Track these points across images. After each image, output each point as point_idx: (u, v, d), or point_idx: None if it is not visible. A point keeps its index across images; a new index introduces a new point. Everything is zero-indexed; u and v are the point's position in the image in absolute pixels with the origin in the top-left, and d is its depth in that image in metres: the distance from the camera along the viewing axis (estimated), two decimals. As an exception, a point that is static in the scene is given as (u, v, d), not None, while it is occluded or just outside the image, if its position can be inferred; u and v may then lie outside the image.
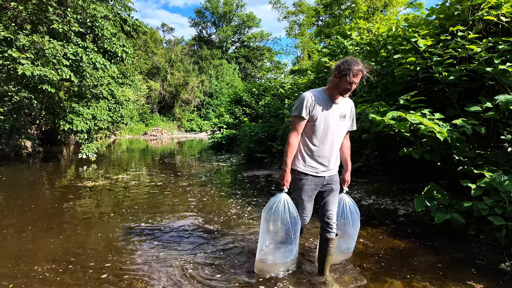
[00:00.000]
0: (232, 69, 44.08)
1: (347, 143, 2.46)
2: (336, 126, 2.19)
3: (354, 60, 2.05)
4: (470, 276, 2.46)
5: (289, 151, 2.18)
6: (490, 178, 3.10)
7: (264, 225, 2.26)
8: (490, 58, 3.62)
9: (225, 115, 14.79)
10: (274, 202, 2.23)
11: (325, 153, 2.21)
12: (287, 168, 2.19)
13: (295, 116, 2.17)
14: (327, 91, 2.18)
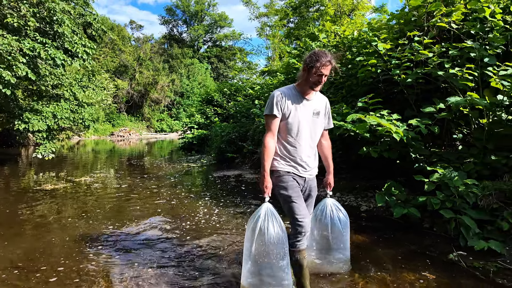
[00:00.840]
0: (204, 69, 43.62)
1: (327, 142, 2.33)
2: (310, 124, 2.09)
3: (322, 52, 1.97)
4: (424, 267, 2.62)
5: (266, 154, 2.03)
6: (441, 174, 3.31)
7: (246, 246, 1.99)
8: (442, 63, 3.87)
9: (196, 115, 14.63)
10: (255, 216, 1.97)
11: (302, 153, 2.10)
12: (265, 173, 2.01)
13: (267, 116, 2.06)
14: (297, 87, 2.09)
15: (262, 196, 2.03)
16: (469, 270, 2.54)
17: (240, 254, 2.75)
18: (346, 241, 2.42)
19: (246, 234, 2.00)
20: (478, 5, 3.85)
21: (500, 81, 3.39)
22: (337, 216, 2.36)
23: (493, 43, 3.75)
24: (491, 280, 2.39)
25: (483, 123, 3.81)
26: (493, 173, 3.44)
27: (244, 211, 4.38)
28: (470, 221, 2.96)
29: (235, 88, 14.81)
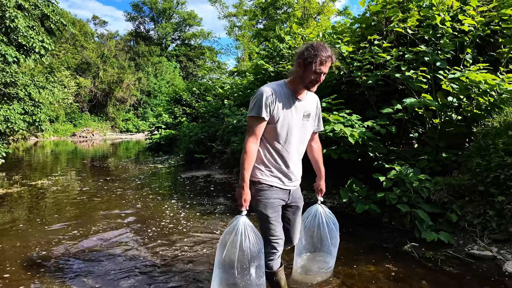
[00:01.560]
0: (172, 67, 42.69)
1: (317, 146, 2.09)
2: (300, 128, 1.82)
3: (321, 45, 1.67)
4: (386, 259, 2.76)
5: (247, 162, 1.70)
6: (398, 171, 3.52)
7: (218, 259, 1.78)
8: (400, 65, 4.10)
9: (163, 114, 14.29)
10: (230, 229, 1.74)
11: (290, 161, 1.82)
12: (245, 184, 1.71)
13: (252, 117, 1.71)
14: (289, 84, 1.77)
15: (239, 209, 1.74)
16: (421, 260, 2.72)
17: (210, 260, 2.73)
18: (335, 249, 2.26)
19: (219, 249, 1.77)
20: (430, 13, 4.13)
21: (450, 84, 3.66)
22: (327, 224, 2.20)
23: (444, 49, 4.03)
24: (439, 269, 2.57)
25: (436, 123, 4.08)
26: (444, 169, 3.71)
27: (213, 212, 4.36)
28: (424, 214, 3.17)
29: (205, 87, 14.66)
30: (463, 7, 4.41)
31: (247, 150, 1.71)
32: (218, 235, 3.37)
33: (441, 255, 2.80)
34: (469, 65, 4.12)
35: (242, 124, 7.03)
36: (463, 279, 2.41)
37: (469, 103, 3.85)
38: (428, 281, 2.38)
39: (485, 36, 4.31)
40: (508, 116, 3.33)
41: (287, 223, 1.96)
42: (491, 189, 2.98)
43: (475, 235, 2.98)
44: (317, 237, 2.21)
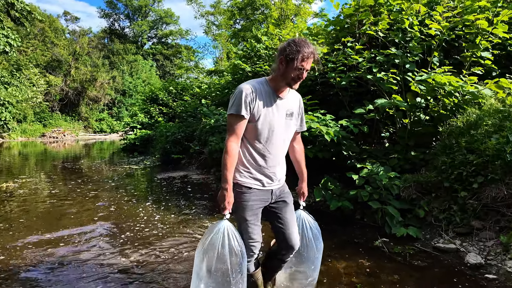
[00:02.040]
0: (148, 66, 41.74)
1: (299, 146, 2.01)
2: (282, 127, 1.75)
3: (303, 40, 1.62)
4: (358, 255, 2.85)
5: (229, 162, 1.64)
6: (370, 169, 3.64)
7: (198, 265, 1.69)
8: (371, 67, 4.24)
9: (139, 114, 13.96)
10: (211, 233, 1.67)
11: (271, 162, 1.76)
12: (228, 186, 1.64)
13: (232, 116, 1.64)
14: (270, 82, 1.71)
15: (221, 213, 1.67)
16: (391, 255, 2.84)
17: (188, 264, 2.67)
18: (318, 260, 2.09)
19: (199, 254, 1.69)
20: (400, 17, 4.30)
21: (418, 85, 3.83)
22: (310, 233, 2.03)
23: (412, 51, 4.21)
24: (408, 263, 2.69)
25: (405, 122, 4.25)
26: (413, 167, 3.88)
27: (190, 213, 4.32)
28: (393, 211, 3.30)
29: (182, 86, 14.46)
30: (430, 12, 4.63)
31: (229, 150, 1.64)
32: (196, 238, 3.34)
33: (410, 249, 2.92)
34: (436, 67, 4.32)
35: (220, 124, 7.01)
36: (430, 271, 2.53)
37: (436, 103, 4.04)
38: (397, 274, 2.48)
39: (451, 40, 4.54)
40: (470, 116, 3.53)
41: (280, 223, 1.83)
42: (455, 185, 3.14)
43: (441, 229, 3.14)
44: (302, 246, 2.02)
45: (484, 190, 2.96)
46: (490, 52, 4.26)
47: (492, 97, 3.75)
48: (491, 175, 2.91)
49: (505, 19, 4.10)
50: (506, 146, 2.87)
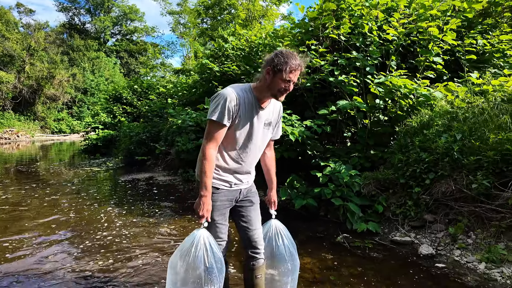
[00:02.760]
0: (112, 64, 40.06)
1: (271, 153, 1.97)
2: (260, 137, 1.74)
3: (290, 52, 1.60)
4: (321, 250, 2.95)
5: (208, 169, 1.61)
6: (332, 167, 3.78)
7: (172, 274, 1.62)
8: (334, 70, 4.40)
9: (101, 114, 13.37)
10: (188, 242, 1.60)
11: (244, 169, 1.76)
12: (207, 193, 1.61)
13: (213, 122, 1.59)
14: (254, 91, 1.66)
15: (198, 222, 1.62)
16: (352, 249, 2.97)
17: (157, 272, 2.58)
18: (295, 273, 1.96)
19: (173, 266, 1.62)
20: (360, 22, 4.50)
21: (377, 88, 4.03)
22: (283, 243, 1.93)
23: (372, 55, 4.43)
24: (367, 256, 2.84)
25: (366, 123, 4.46)
26: (373, 165, 4.08)
27: (157, 217, 4.22)
28: (354, 207, 3.46)
29: (148, 85, 14.04)
30: (388, 18, 4.89)
31: (208, 156, 1.60)
32: (164, 243, 3.26)
33: (369, 243, 3.08)
34: (393, 71, 4.58)
35: (187, 124, 6.90)
36: (387, 263, 2.69)
37: (393, 105, 4.28)
38: (357, 267, 2.60)
39: (407, 45, 4.83)
40: (423, 117, 3.78)
41: (244, 221, 1.82)
42: (410, 182, 3.36)
43: (398, 223, 3.34)
44: (275, 259, 1.92)
45: (435, 185, 3.19)
46: (441, 57, 4.59)
47: (443, 99, 4.05)
48: (441, 171, 3.14)
49: (454, 27, 4.44)
50: (453, 145, 3.11)
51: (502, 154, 2.83)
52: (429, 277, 2.43)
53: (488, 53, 4.88)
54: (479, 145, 2.98)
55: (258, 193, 1.94)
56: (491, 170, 2.87)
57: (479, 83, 3.94)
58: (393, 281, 2.37)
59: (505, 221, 2.70)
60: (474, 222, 2.92)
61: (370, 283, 2.34)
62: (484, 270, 2.48)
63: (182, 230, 3.59)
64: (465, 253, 2.73)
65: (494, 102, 3.34)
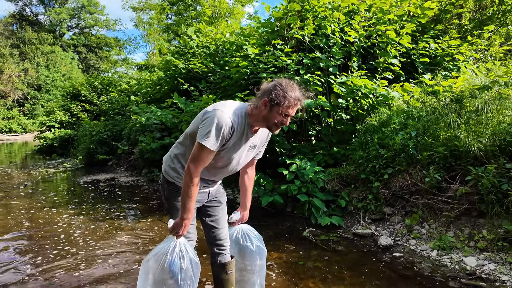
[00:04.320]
0: (69, 59, 37.76)
1: (252, 173, 1.94)
2: (240, 160, 1.72)
3: (290, 85, 1.52)
4: (288, 245, 3.01)
5: (194, 193, 1.55)
6: (298, 165, 3.87)
7: (143, 277, 1.62)
8: (299, 69, 4.50)
9: (57, 112, 12.56)
10: (165, 249, 1.59)
11: (217, 179, 1.79)
12: (190, 216, 1.58)
13: (204, 148, 1.51)
14: (250, 117, 1.59)
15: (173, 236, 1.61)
16: (317, 243, 3.07)
17: (124, 280, 2.51)
18: (262, 274, 2.01)
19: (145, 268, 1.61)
20: (323, 23, 4.64)
21: (340, 87, 4.19)
22: (251, 245, 1.95)
23: (335, 56, 4.59)
24: (331, 248, 2.95)
25: (329, 121, 4.62)
26: (336, 161, 4.24)
27: (120, 220, 4.05)
28: (319, 203, 3.57)
29: (108, 81, 13.41)
30: (350, 20, 5.10)
31: (195, 181, 1.54)
32: (130, 247, 3.14)
33: (333, 237, 3.20)
34: (355, 71, 4.78)
35: (152, 122, 6.70)
36: (349, 255, 2.81)
37: (355, 104, 4.47)
38: (321, 260, 2.69)
39: (367, 47, 5.07)
40: (382, 116, 3.99)
41: (211, 220, 1.85)
42: (370, 177, 3.53)
43: (359, 217, 3.50)
44: (243, 256, 1.97)
45: (393, 180, 3.39)
46: (398, 59, 4.87)
47: (400, 99, 4.31)
48: (398, 166, 3.34)
49: (409, 31, 4.73)
50: (409, 141, 3.32)
51: (451, 150, 3.07)
52: (388, 266, 2.58)
53: (439, 56, 5.26)
54: (431, 142, 3.21)
55: (226, 192, 1.95)
56: (442, 165, 3.11)
57: (431, 84, 4.23)
58: (355, 271, 2.49)
59: (454, 211, 2.93)
60: (427, 213, 3.14)
61: (334, 274, 2.44)
62: (436, 257, 2.68)
63: (148, 232, 3.48)
64: (419, 242, 2.94)
65: (444, 102, 3.61)
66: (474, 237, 2.71)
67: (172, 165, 1.73)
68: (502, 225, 2.60)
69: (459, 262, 2.55)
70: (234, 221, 1.96)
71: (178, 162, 1.71)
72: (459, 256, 2.61)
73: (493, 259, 2.50)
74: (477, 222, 2.83)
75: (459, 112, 3.40)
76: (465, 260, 2.55)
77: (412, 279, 2.36)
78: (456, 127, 3.21)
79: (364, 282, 2.31)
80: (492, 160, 2.86)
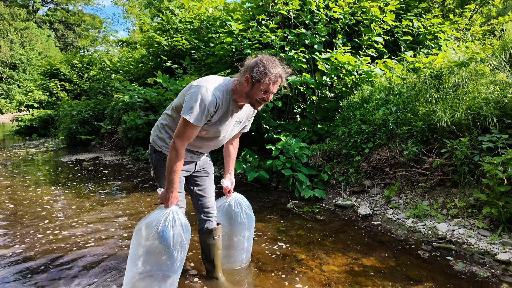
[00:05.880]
0: (45, 36, 35.94)
1: (236, 144, 2.03)
2: (226, 134, 1.76)
3: (272, 61, 1.55)
4: (272, 217, 3.11)
5: (178, 167, 1.58)
6: (284, 141, 3.94)
7: (135, 246, 1.68)
8: (284, 46, 4.49)
9: (35, 91, 12.10)
10: (159, 215, 1.65)
11: (203, 151, 1.82)
12: (174, 189, 1.62)
13: (188, 123, 1.53)
14: (234, 94, 1.62)
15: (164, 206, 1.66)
16: (300, 214, 3.19)
17: (116, 252, 2.55)
18: (250, 240, 2.16)
19: (137, 235, 1.67)
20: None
21: (324, 64, 4.22)
22: (242, 213, 2.07)
23: (320, 33, 4.58)
24: (314, 219, 3.07)
25: (314, 99, 4.67)
26: (320, 138, 4.33)
27: (107, 197, 4.05)
28: (303, 177, 3.67)
29: (88, 60, 12.95)
30: (335, -4, 5.07)
31: (179, 153, 1.57)
32: (118, 222, 3.16)
33: (316, 208, 3.33)
34: (339, 49, 4.80)
35: (135, 100, 6.58)
36: (331, 224, 2.94)
37: (339, 82, 4.53)
38: (303, 229, 2.81)
39: (352, 24, 5.08)
40: (364, 93, 4.07)
41: (199, 190, 1.91)
42: (352, 151, 3.65)
43: (341, 189, 3.64)
44: (233, 224, 2.07)
45: (373, 154, 3.51)
46: (382, 37, 4.91)
47: (382, 76, 4.39)
48: (378, 141, 3.46)
49: (393, 8, 4.75)
50: (389, 117, 3.43)
51: (428, 124, 3.20)
52: (366, 233, 2.73)
53: (422, 35, 5.33)
54: (411, 117, 3.32)
55: (214, 171, 2.02)
56: (420, 138, 3.24)
57: (412, 61, 4.32)
58: (336, 238, 2.62)
59: (429, 182, 3.09)
60: (405, 185, 3.29)
61: (316, 241, 2.56)
62: (411, 224, 2.85)
63: (135, 206, 3.52)
64: (396, 211, 3.10)
65: (424, 78, 3.71)
66: (447, 206, 2.88)
67: (160, 135, 1.78)
68: (472, 193, 2.77)
69: (432, 228, 2.72)
70: (227, 186, 2.02)
71: (165, 132, 1.77)
72: (432, 223, 2.78)
73: (463, 225, 2.67)
74: (450, 192, 3.00)
75: (438, 88, 3.51)
76: (437, 226, 2.72)
77: (389, 244, 2.51)
78: (434, 103, 3.33)
79: (344, 247, 2.45)
80: (466, 133, 3.01)
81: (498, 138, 2.73)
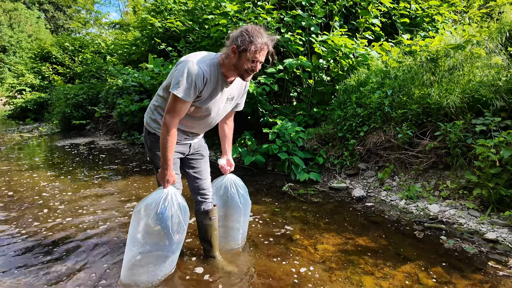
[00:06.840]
0: (35, 17, 34.90)
1: (231, 124, 2.02)
2: (220, 111, 1.76)
3: (256, 29, 1.54)
4: (268, 199, 3.16)
5: (171, 144, 1.60)
6: (280, 124, 3.95)
7: (134, 227, 1.71)
8: (280, 28, 4.42)
9: (27, 75, 11.88)
10: (157, 197, 1.68)
11: (195, 132, 1.82)
12: (169, 166, 1.63)
13: (177, 98, 1.54)
14: (222, 67, 1.61)
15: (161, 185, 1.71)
16: (295, 196, 3.24)
17: (115, 234, 2.59)
18: (245, 221, 2.20)
19: (137, 215, 1.69)
20: (306, -21, 4.49)
21: (321, 47, 4.18)
22: (237, 194, 2.10)
23: (317, 15, 4.52)
24: (309, 201, 3.13)
25: (310, 83, 4.65)
26: (315, 122, 4.34)
27: (102, 180, 4.07)
28: (298, 160, 3.71)
29: (80, 43, 12.66)
30: (332, -23, 4.96)
31: (171, 130, 1.58)
32: (116, 205, 3.18)
33: (311, 191, 3.38)
34: (336, 31, 4.74)
35: (130, 84, 6.50)
36: (325, 205, 3.00)
37: (335, 65, 4.51)
38: (298, 210, 2.87)
39: (349, 6, 5.00)
40: (361, 76, 4.06)
41: (195, 172, 1.92)
42: (347, 135, 3.67)
43: (335, 172, 3.69)
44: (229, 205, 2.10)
45: (368, 137, 3.54)
46: (379, 19, 4.86)
47: (379, 59, 4.36)
48: (373, 124, 3.48)
49: (391, -10, 4.68)
50: (385, 100, 3.44)
51: (423, 107, 3.22)
52: (360, 214, 2.79)
53: (419, 17, 5.28)
54: (406, 100, 3.34)
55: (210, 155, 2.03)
56: (414, 122, 3.27)
57: (409, 43, 4.29)
58: (330, 219, 2.68)
59: (422, 165, 3.14)
60: (398, 167, 3.34)
61: (311, 222, 2.62)
62: (404, 205, 2.91)
63: (132, 191, 3.54)
64: (390, 193, 3.16)
65: (420, 61, 3.70)
66: (439, 187, 2.95)
67: (153, 117, 1.78)
68: (464, 175, 2.83)
69: (424, 209, 2.79)
70: (223, 165, 2.04)
71: (158, 113, 1.77)
72: (424, 204, 2.85)
73: (454, 206, 2.74)
74: (443, 174, 3.06)
75: (434, 71, 3.51)
76: (429, 207, 2.79)
77: (382, 224, 2.58)
78: (430, 86, 3.34)
79: (338, 228, 2.51)
80: (461, 116, 3.04)
81: (491, 121, 2.76)
